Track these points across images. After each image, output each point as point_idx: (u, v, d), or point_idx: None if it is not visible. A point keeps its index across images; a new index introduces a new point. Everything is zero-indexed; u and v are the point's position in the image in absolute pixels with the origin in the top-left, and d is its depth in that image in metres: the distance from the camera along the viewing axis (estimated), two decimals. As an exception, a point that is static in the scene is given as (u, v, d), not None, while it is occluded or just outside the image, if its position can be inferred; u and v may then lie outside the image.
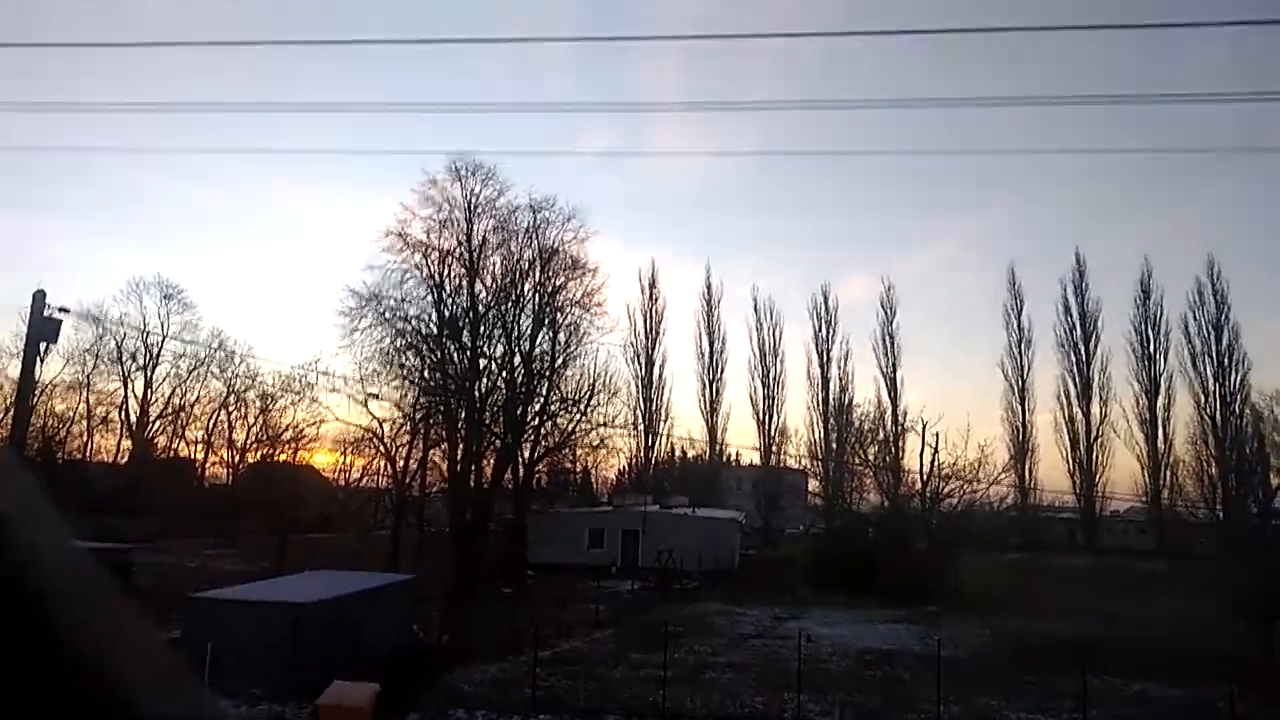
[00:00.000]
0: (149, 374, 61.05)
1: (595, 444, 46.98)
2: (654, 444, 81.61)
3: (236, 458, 62.02)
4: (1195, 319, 76.02)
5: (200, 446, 63.94)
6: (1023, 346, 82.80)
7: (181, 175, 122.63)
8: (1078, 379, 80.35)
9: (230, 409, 61.62)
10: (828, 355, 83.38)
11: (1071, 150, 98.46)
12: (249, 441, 61.45)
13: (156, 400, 61.57)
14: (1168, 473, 74.94)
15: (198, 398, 61.99)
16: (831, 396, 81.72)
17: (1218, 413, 72.99)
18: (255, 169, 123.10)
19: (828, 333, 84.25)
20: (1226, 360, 74.35)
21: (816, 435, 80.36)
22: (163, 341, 59.04)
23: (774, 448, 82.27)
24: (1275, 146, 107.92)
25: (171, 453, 63.06)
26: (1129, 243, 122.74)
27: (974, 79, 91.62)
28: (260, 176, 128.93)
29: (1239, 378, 73.59)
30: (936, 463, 46.14)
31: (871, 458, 58.64)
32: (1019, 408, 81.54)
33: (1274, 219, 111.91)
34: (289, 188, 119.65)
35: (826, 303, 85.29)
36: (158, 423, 61.47)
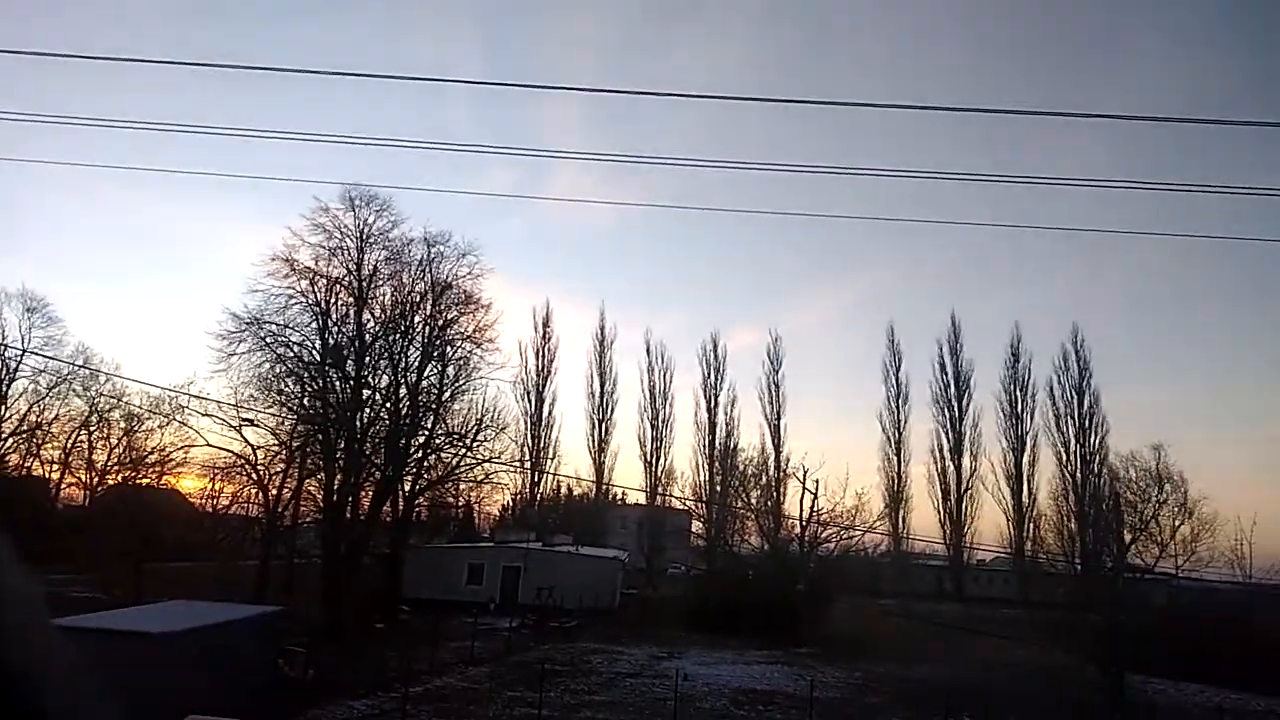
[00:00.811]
0: (3, 389, 57.32)
1: (480, 479, 46.64)
2: (540, 481, 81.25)
3: (96, 480, 58.62)
4: (1060, 382, 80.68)
5: (56, 467, 60.20)
6: (900, 401, 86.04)
7: (52, 187, 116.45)
8: (950, 434, 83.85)
9: (91, 429, 58.36)
10: (715, 400, 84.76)
11: (952, 221, 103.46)
12: (110, 463, 58.26)
13: (10, 417, 57.76)
14: (1031, 525, 78.51)
15: (56, 416, 58.45)
16: (718, 441, 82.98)
17: (1078, 471, 77.16)
18: (135, 186, 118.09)
19: (716, 379, 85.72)
20: (1087, 422, 78.91)
21: (702, 478, 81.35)
22: (22, 355, 55.55)
23: (660, 489, 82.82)
24: (1141, 230, 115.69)
25: (24, 471, 59.17)
26: (1001, 308, 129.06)
27: (871, 146, 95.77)
28: (140, 195, 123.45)
29: (1098, 439, 78.11)
30: (816, 508, 47.28)
31: (754, 501, 59.62)
32: (895, 459, 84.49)
33: (1134, 293, 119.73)
34: (171, 208, 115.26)
35: (716, 350, 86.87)
36: (10, 440, 57.62)
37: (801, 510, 47.97)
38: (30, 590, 1.59)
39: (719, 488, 76.61)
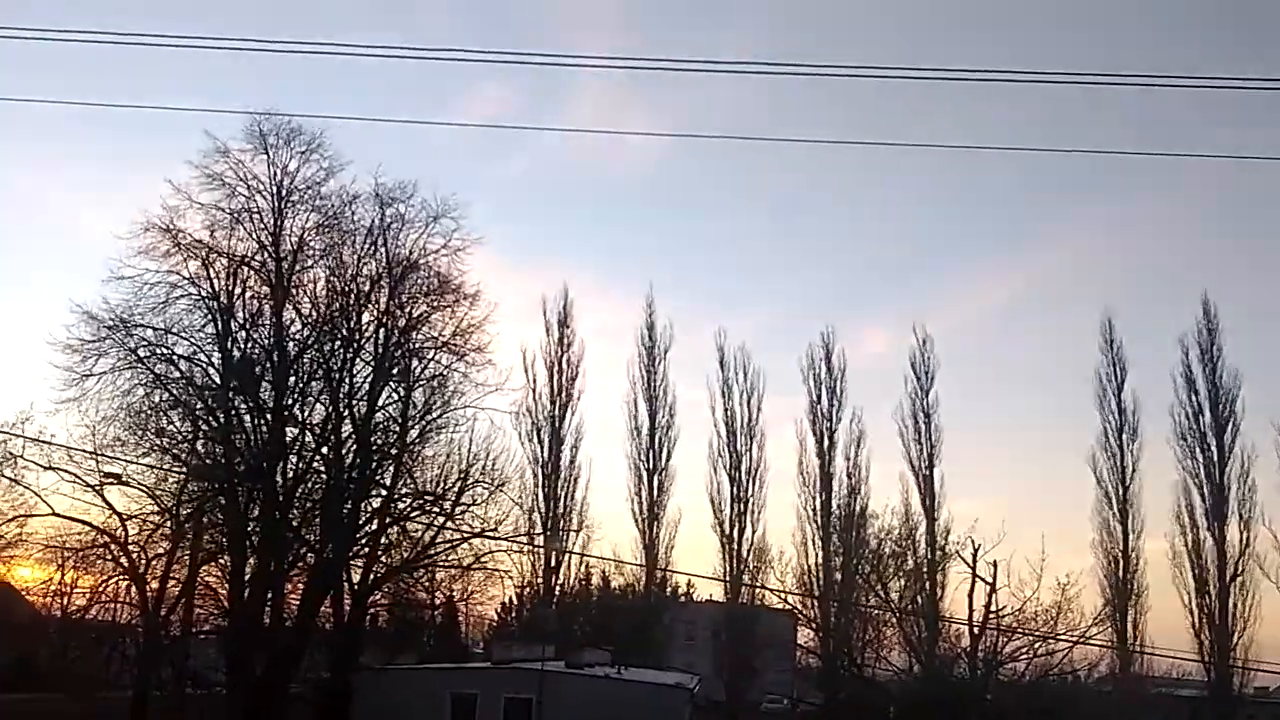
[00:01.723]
0: None
1: (467, 563, 46.44)
2: (559, 565, 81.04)
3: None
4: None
5: None
6: (1124, 436, 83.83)
7: None
8: (1207, 487, 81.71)
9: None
10: (831, 439, 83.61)
11: (1201, 155, 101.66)
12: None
13: None
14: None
15: None
16: (836, 501, 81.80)
17: None
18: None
19: (831, 405, 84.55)
20: None
21: (812, 559, 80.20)
22: None
23: (747, 577, 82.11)
24: None
25: None
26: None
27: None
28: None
29: None
30: (995, 607, 46.41)
31: (896, 596, 58.79)
32: (1119, 527, 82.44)
33: None
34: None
35: (830, 360, 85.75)
36: None
37: (972, 610, 47.20)
38: None
39: (839, 575, 75.74)
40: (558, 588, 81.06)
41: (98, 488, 39.83)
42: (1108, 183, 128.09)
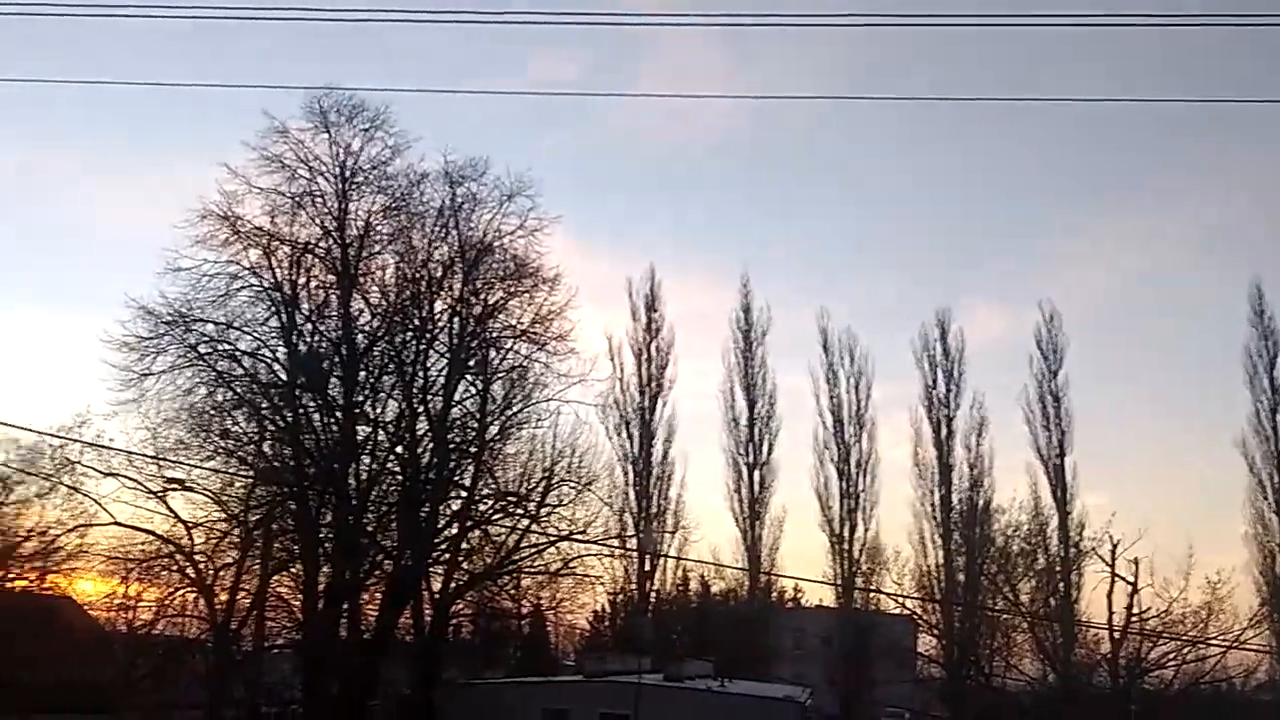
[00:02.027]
0: None
1: (555, 569, 46.90)
2: (654, 570, 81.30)
3: (-57, 587, 61.72)
4: None
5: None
6: (1279, 418, 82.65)
7: None
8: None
9: (-65, 505, 61.38)
10: (949, 427, 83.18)
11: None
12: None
13: None
14: None
15: None
16: (956, 495, 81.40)
17: None
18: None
19: (949, 390, 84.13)
20: None
21: (932, 559, 79.85)
22: None
23: (859, 579, 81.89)
24: None
25: None
26: None
27: None
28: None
29: None
30: (1137, 610, 45.95)
31: (1026, 598, 58.39)
32: (1274, 519, 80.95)
33: None
34: (32, 145, 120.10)
35: (945, 341, 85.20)
36: None
37: (1111, 613, 46.81)
38: None
39: (963, 576, 75.26)
40: (653, 594, 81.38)
41: (160, 494, 40.82)
42: (1255, 135, 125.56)
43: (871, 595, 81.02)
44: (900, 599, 76.37)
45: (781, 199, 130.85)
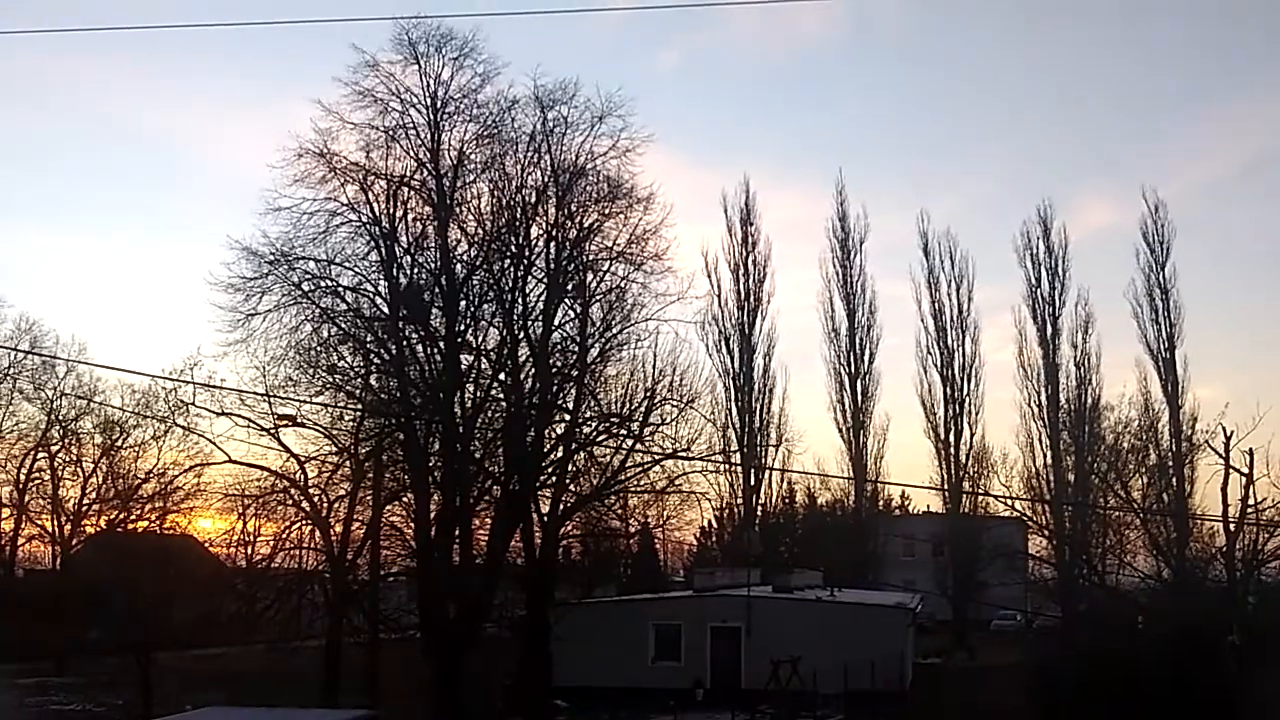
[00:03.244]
0: (-84, 396, 62.87)
1: (660, 487, 47.81)
2: (759, 484, 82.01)
3: (67, 527, 63.69)
4: None
5: (8, 511, 65.73)
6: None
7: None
8: None
9: (54, 449, 63.28)
10: (1054, 326, 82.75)
11: None
12: (87, 501, 63.00)
13: (-69, 440, 63.28)
14: None
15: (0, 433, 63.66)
16: (1064, 394, 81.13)
17: None
18: (74, 67, 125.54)
19: (1053, 288, 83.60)
20: None
21: (1040, 460, 79.82)
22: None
23: (966, 483, 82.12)
24: None
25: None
26: None
27: None
28: (81, 75, 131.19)
29: None
30: (1253, 501, 45.78)
31: (1138, 495, 58.31)
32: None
33: None
34: (131, 93, 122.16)
35: (1048, 237, 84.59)
36: (-65, 475, 63.28)
37: (1226, 505, 46.58)
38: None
39: (1072, 476, 75.22)
40: (759, 508, 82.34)
41: (272, 431, 42.20)
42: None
43: (980, 499, 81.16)
44: (1009, 501, 76.50)
45: (875, 103, 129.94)
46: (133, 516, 53.70)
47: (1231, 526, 46.49)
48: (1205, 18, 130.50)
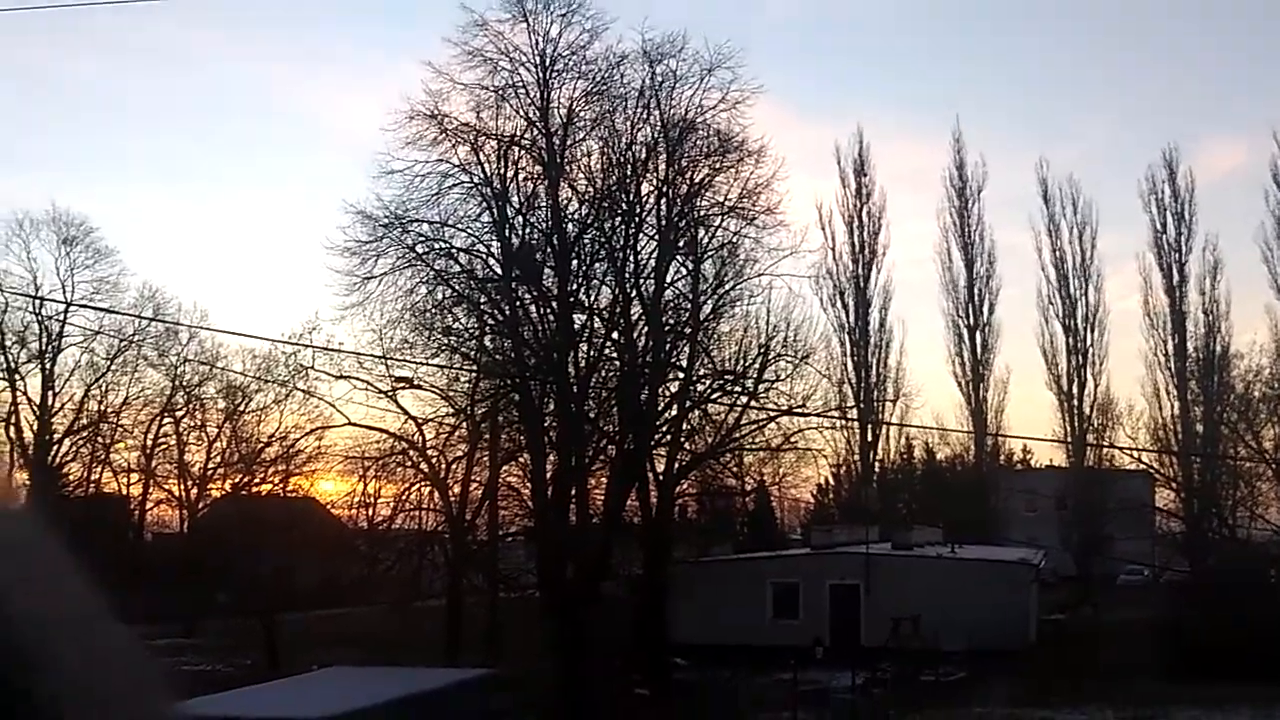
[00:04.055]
0: (47, 365, 64.35)
1: (776, 445, 47.84)
2: (876, 439, 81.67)
3: (193, 491, 65.17)
4: None
5: (135, 476, 67.36)
6: None
7: (61, 50, 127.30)
8: None
9: (179, 414, 64.70)
10: (1181, 273, 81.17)
11: None
12: (211, 465, 64.45)
13: (62, 407, 64.87)
14: None
15: (126, 399, 65.13)
16: (1191, 343, 79.68)
17: None
18: (189, 30, 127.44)
19: (1179, 234, 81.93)
20: None
21: (1167, 411, 78.49)
22: (66, 311, 61.86)
23: (1092, 436, 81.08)
24: None
25: (91, 487, 66.46)
26: None
27: None
28: (198, 41, 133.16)
29: None
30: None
31: (1270, 445, 57.34)
32: None
33: None
34: (244, 56, 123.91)
35: (1174, 181, 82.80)
36: (66, 441, 64.91)
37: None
38: (146, 672, 2.41)
39: (1201, 427, 74.01)
40: (877, 464, 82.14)
41: (390, 393, 42.77)
42: None
43: (1105, 452, 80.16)
44: (1136, 453, 75.58)
45: (992, 48, 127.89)
46: (256, 480, 54.78)
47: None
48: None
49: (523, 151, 41.78)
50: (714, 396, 44.71)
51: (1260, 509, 54.96)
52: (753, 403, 44.36)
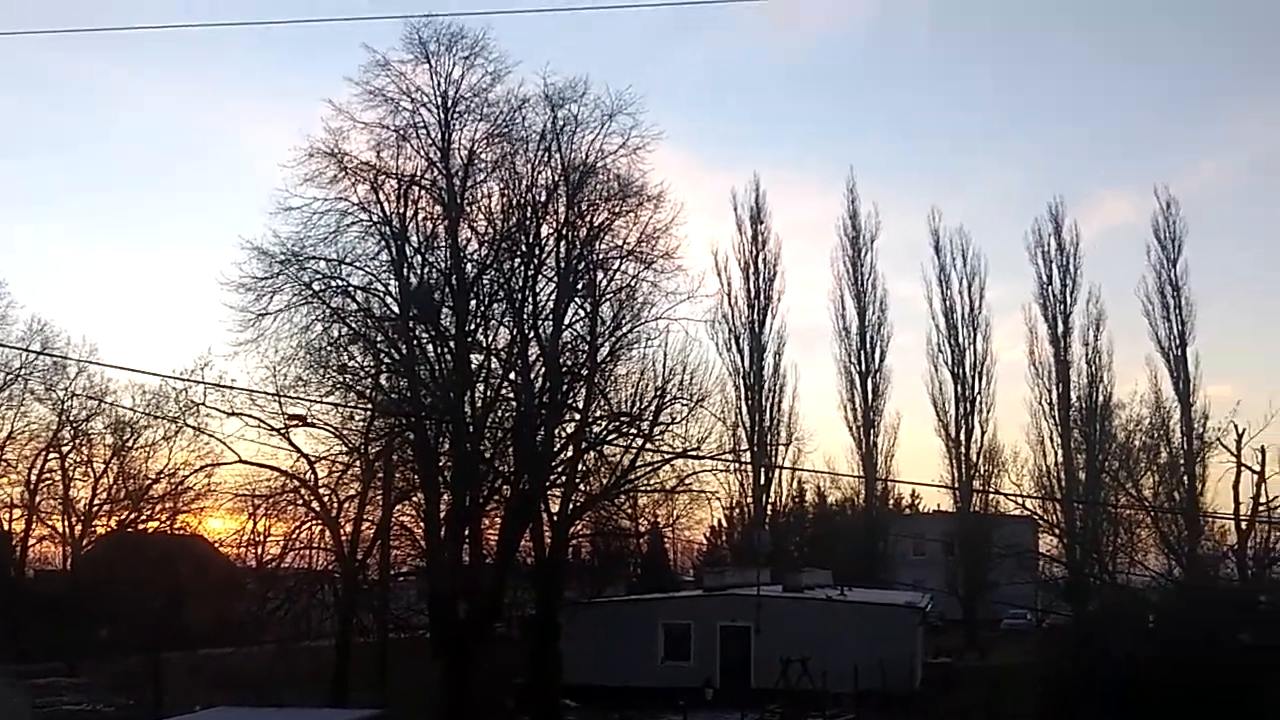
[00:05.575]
0: (-74, 398, 62.99)
1: (670, 487, 47.71)
2: (769, 483, 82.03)
3: (78, 528, 63.85)
4: None
5: (19, 511, 65.93)
6: None
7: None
8: None
9: (64, 450, 63.43)
10: (1065, 323, 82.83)
11: None
12: (98, 502, 63.18)
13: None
14: None
15: (11, 434, 63.82)
16: (1075, 392, 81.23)
17: None
18: (80, 60, 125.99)
19: (1064, 286, 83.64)
20: None
21: (1051, 458, 79.93)
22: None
23: (977, 482, 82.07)
24: None
25: (-30, 523, 65.00)
26: None
27: None
28: (90, 71, 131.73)
29: None
30: (1265, 499, 45.75)
31: (1149, 493, 58.30)
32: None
33: None
34: (141, 90, 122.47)
35: (1060, 235, 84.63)
36: (-54, 477, 63.42)
37: (1238, 504, 46.60)
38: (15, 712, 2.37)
39: (1083, 474, 75.26)
40: (769, 507, 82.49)
41: (283, 431, 42.16)
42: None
43: (990, 497, 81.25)
44: (1020, 499, 76.64)
45: (887, 102, 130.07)
46: (143, 517, 53.95)
47: (1243, 525, 46.51)
48: (1219, 16, 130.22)
49: (423, 191, 41.83)
50: (610, 438, 44.61)
51: (1139, 555, 55.75)
52: (648, 445, 44.21)
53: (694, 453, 46.28)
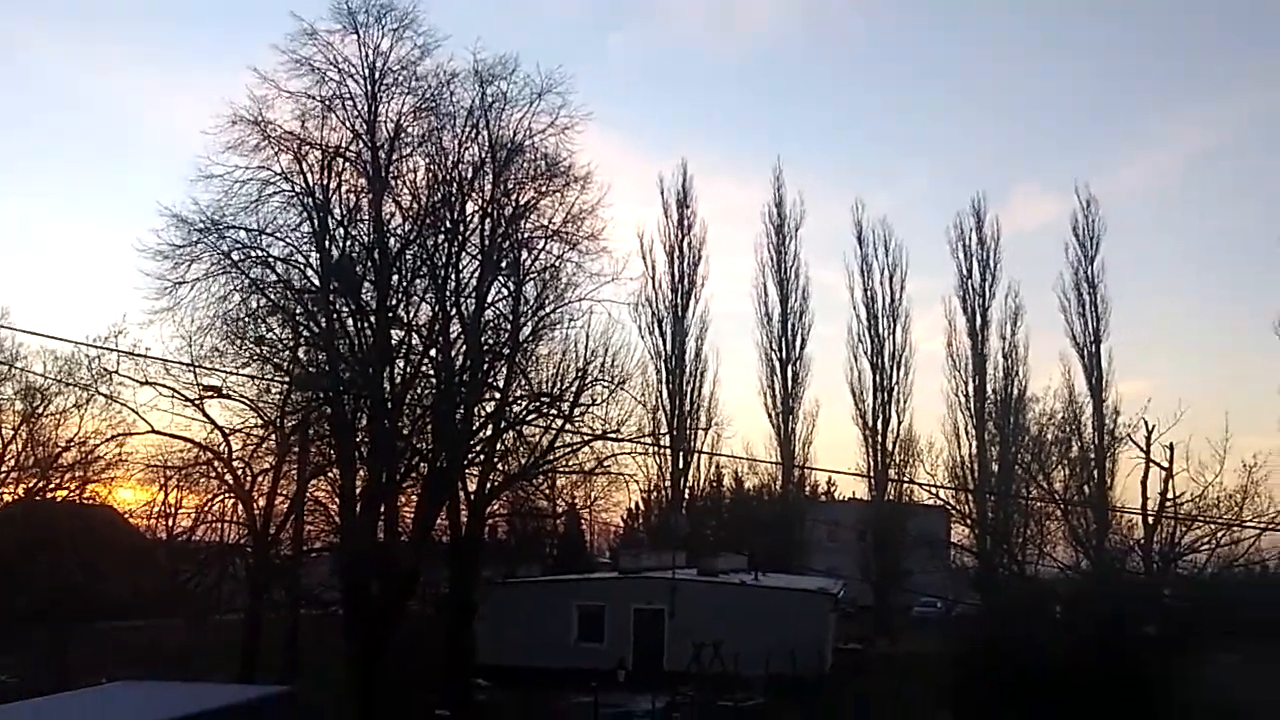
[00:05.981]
0: None
1: (589, 469, 47.53)
2: (687, 467, 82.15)
3: (-17, 496, 62.79)
4: None
5: (-80, 480, 64.64)
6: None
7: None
8: None
9: (-30, 415, 62.29)
10: (983, 317, 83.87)
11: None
12: (4, 469, 62.07)
13: None
14: None
15: (-85, 400, 62.54)
16: (991, 385, 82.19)
17: None
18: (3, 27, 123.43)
19: (984, 280, 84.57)
20: None
21: (965, 450, 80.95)
22: None
23: (892, 471, 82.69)
24: None
25: None
26: None
27: None
28: (16, 39, 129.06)
29: None
30: (1172, 495, 46.16)
31: (1059, 487, 58.83)
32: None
33: None
34: (64, 55, 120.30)
35: (981, 230, 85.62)
36: None
37: (1145, 499, 47.04)
38: None
39: (996, 466, 75.94)
40: (687, 491, 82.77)
41: (197, 402, 41.26)
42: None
43: (904, 487, 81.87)
44: (933, 489, 77.04)
45: (815, 93, 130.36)
46: (51, 485, 52.75)
47: (1150, 519, 46.90)
48: (1142, 18, 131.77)
49: (347, 163, 41.31)
50: (529, 418, 44.31)
51: (1048, 547, 56.22)
52: (568, 426, 44.03)
53: (614, 435, 46.03)
